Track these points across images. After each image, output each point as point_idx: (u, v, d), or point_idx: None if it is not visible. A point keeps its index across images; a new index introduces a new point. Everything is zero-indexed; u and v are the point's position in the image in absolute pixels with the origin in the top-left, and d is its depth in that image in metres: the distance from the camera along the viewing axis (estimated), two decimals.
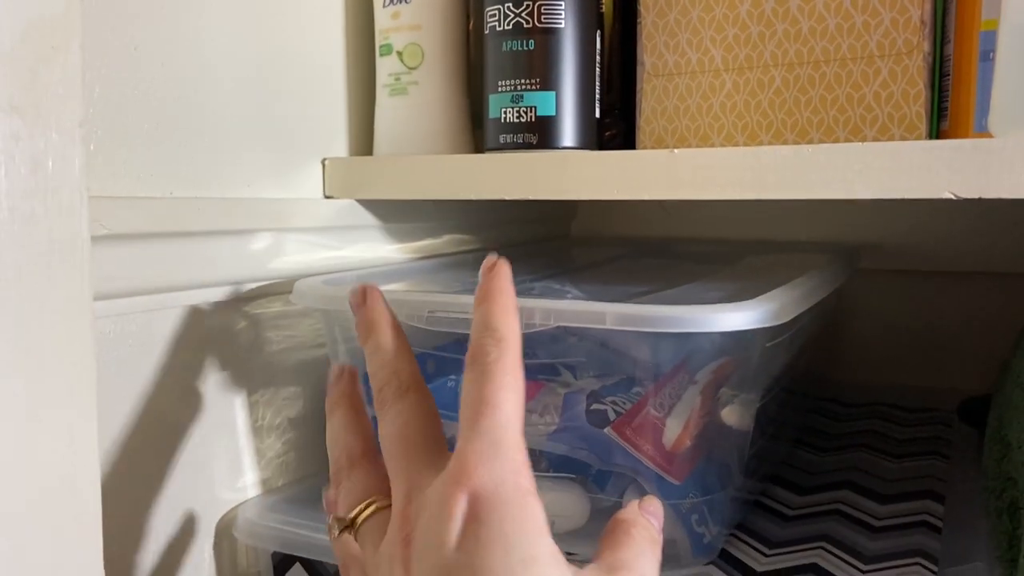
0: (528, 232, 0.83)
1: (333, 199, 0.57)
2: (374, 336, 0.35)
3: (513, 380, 0.31)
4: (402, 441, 0.32)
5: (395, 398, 0.33)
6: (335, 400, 0.37)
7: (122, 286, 0.43)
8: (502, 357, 0.31)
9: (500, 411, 0.30)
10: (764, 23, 0.51)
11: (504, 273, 0.34)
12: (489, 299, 0.33)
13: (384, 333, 0.35)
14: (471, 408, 0.30)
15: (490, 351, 0.31)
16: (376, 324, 0.35)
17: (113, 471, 0.43)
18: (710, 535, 0.44)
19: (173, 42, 0.46)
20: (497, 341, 0.31)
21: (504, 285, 0.34)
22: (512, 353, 0.31)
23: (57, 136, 0.29)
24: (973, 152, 0.40)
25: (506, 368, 0.31)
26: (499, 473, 0.28)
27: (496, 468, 0.28)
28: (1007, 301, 0.75)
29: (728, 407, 0.45)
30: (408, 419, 0.32)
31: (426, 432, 0.32)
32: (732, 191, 0.45)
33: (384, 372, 0.34)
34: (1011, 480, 0.45)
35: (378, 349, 0.34)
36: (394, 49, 0.56)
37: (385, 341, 0.35)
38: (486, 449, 0.29)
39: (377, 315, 0.36)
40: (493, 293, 0.33)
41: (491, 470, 0.28)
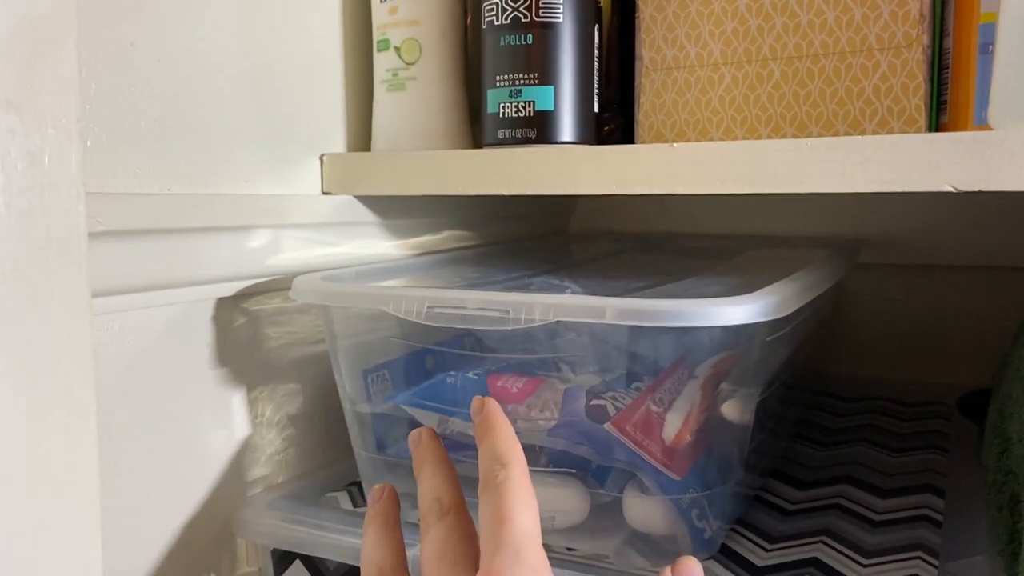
0: (527, 228, 0.83)
1: (331, 195, 0.56)
2: (424, 469, 0.39)
3: (525, 495, 0.34)
4: (436, 555, 0.35)
5: (436, 519, 0.36)
6: (372, 517, 0.39)
7: (120, 283, 0.43)
8: (510, 477, 0.34)
9: (517, 524, 0.33)
10: (763, 16, 0.51)
11: (495, 407, 0.38)
12: (490, 432, 0.37)
13: (433, 465, 0.39)
14: (491, 525, 0.33)
15: (498, 473, 0.34)
16: (426, 461, 0.39)
17: (112, 468, 0.43)
18: (711, 530, 0.44)
19: (169, 38, 0.45)
20: (503, 465, 0.35)
21: (498, 417, 0.38)
22: (519, 473, 0.35)
23: (53, 131, 0.28)
24: (972, 145, 0.40)
25: (516, 485, 0.34)
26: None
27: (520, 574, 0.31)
28: (1007, 295, 0.75)
29: (728, 402, 0.44)
30: (445, 536, 0.35)
31: (459, 549, 0.35)
32: (731, 185, 0.45)
33: (429, 498, 0.37)
34: (1011, 474, 0.45)
35: (427, 479, 0.38)
36: (392, 44, 0.56)
37: (433, 472, 0.38)
38: (509, 559, 0.32)
39: (428, 453, 0.39)
40: (491, 426, 0.37)
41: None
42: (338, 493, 0.52)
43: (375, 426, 0.49)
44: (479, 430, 0.37)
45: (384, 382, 0.50)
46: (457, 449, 0.46)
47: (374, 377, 0.49)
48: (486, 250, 0.71)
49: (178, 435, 0.47)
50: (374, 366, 0.49)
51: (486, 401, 0.39)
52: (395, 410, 0.48)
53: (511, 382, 0.46)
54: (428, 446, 0.40)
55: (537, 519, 0.34)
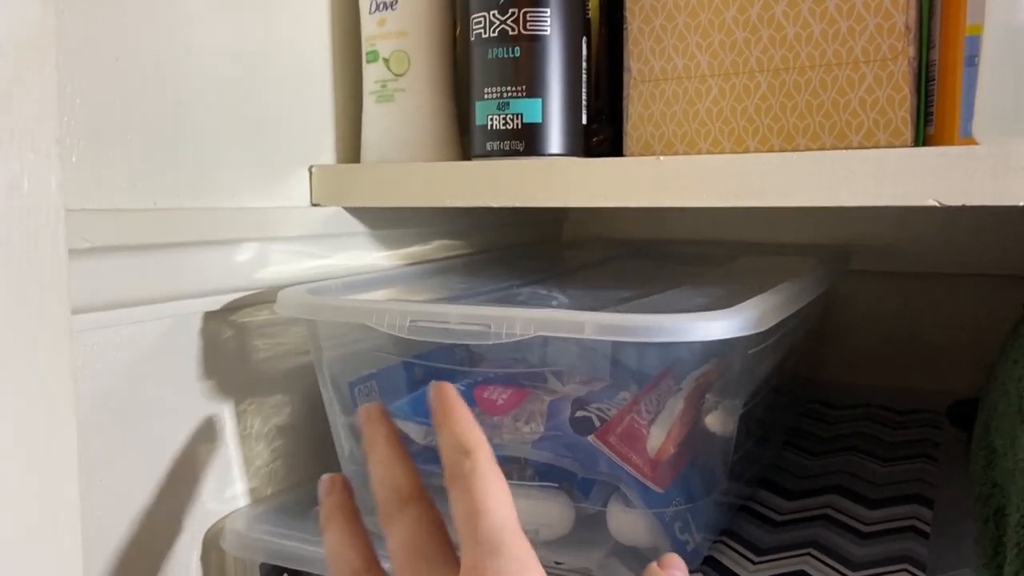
0: (518, 235, 0.83)
1: (320, 207, 0.57)
2: (376, 451, 0.37)
3: (494, 483, 0.33)
4: (409, 554, 0.33)
5: (398, 510, 0.34)
6: (328, 514, 0.37)
7: (107, 298, 0.43)
8: (476, 466, 0.33)
9: (493, 515, 0.31)
10: (750, 29, 0.51)
11: (450, 392, 0.37)
12: (447, 420, 0.35)
13: (382, 448, 0.36)
14: (465, 520, 0.32)
15: (463, 463, 0.33)
16: (375, 440, 0.37)
17: (99, 483, 0.43)
18: (694, 542, 0.44)
19: (156, 52, 0.46)
20: (467, 453, 0.33)
21: (454, 403, 0.36)
22: (484, 460, 0.33)
23: (33, 156, 0.29)
24: (957, 159, 0.40)
25: (484, 475, 0.33)
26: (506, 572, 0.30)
27: (502, 568, 0.30)
28: (997, 303, 0.74)
29: (712, 414, 0.45)
30: (414, 532, 0.34)
31: (431, 543, 0.33)
32: (718, 199, 0.45)
33: (385, 487, 0.35)
34: (997, 486, 0.45)
35: (380, 463, 0.36)
36: (380, 56, 0.56)
37: (386, 455, 0.36)
38: (491, 554, 0.31)
39: (375, 431, 0.37)
40: (448, 413, 0.35)
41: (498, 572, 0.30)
42: None
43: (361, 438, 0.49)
44: (436, 417, 0.36)
45: (371, 394, 0.50)
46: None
47: (360, 389, 0.50)
48: (476, 259, 0.71)
49: (165, 448, 0.47)
50: (360, 378, 0.50)
51: (441, 385, 0.37)
52: None
53: (497, 393, 0.46)
54: (378, 423, 0.38)
55: (511, 505, 0.32)
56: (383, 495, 0.35)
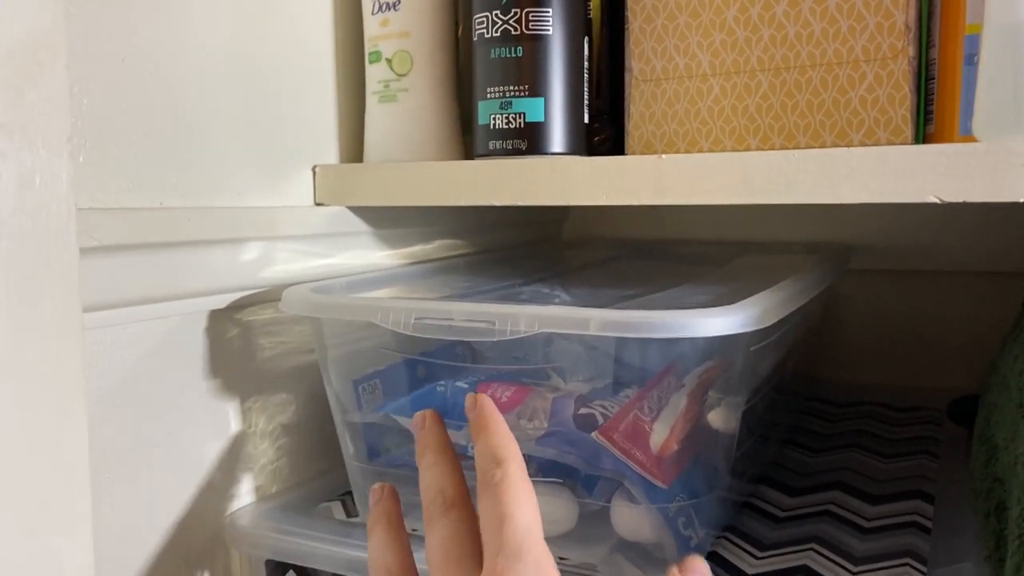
0: (520, 235, 0.84)
1: (324, 206, 0.57)
2: (426, 457, 0.39)
3: (523, 492, 0.34)
4: (443, 554, 0.35)
5: (440, 514, 0.36)
6: (375, 518, 0.39)
7: (114, 297, 0.43)
8: (507, 475, 0.34)
9: (517, 521, 0.33)
10: (751, 28, 0.51)
11: (488, 404, 0.38)
12: (484, 430, 0.37)
13: (435, 454, 0.38)
14: (491, 524, 0.33)
15: (495, 473, 0.34)
16: (428, 446, 0.39)
17: (106, 480, 0.44)
18: (697, 538, 0.44)
19: (161, 53, 0.46)
20: (499, 463, 0.35)
21: (492, 414, 0.38)
22: (515, 470, 0.35)
23: (44, 152, 0.29)
24: (957, 157, 0.40)
25: (513, 483, 0.34)
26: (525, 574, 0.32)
27: (521, 572, 0.31)
28: (996, 300, 0.75)
29: (714, 410, 0.45)
30: (450, 534, 0.35)
31: (464, 547, 0.35)
32: (719, 196, 0.45)
33: (432, 490, 0.37)
34: (998, 481, 0.45)
35: (429, 468, 0.38)
36: (383, 56, 0.56)
37: (435, 461, 0.38)
38: (512, 557, 0.32)
39: (431, 438, 0.39)
40: (485, 423, 0.37)
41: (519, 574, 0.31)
42: (332, 503, 0.53)
43: (366, 435, 0.50)
44: (473, 428, 0.37)
45: (375, 392, 0.50)
46: None
47: (365, 387, 0.50)
48: (478, 258, 0.72)
49: (171, 446, 0.47)
50: (364, 376, 0.50)
51: (479, 398, 0.39)
52: (385, 420, 0.49)
53: (500, 391, 0.46)
54: (431, 430, 0.40)
55: (537, 514, 0.34)
56: (428, 498, 0.37)
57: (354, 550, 0.46)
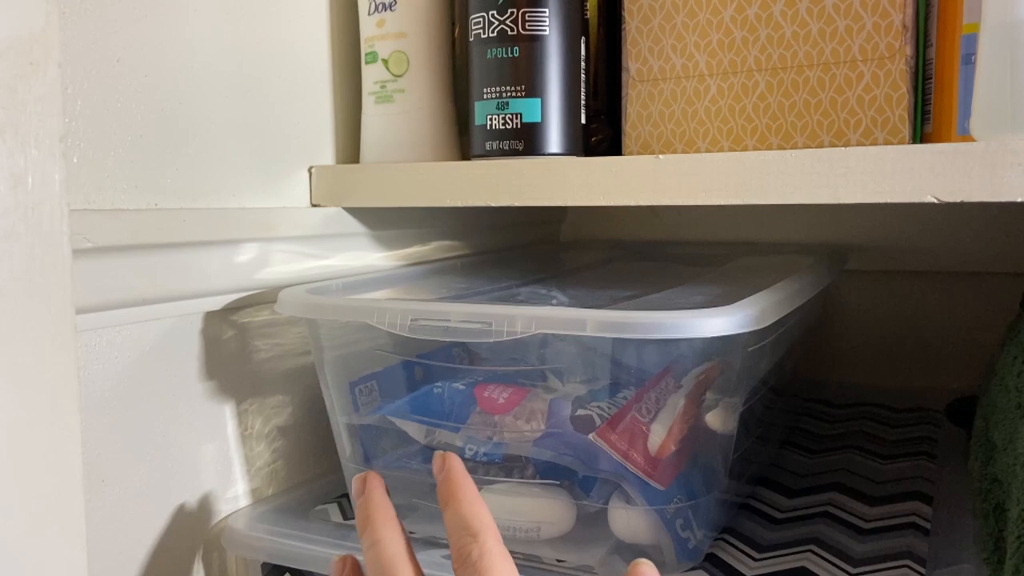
0: (517, 236, 0.84)
1: (320, 207, 0.57)
2: (370, 532, 0.36)
3: (502, 569, 0.32)
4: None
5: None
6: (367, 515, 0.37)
7: (108, 298, 0.43)
8: (484, 553, 0.33)
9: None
10: (747, 28, 0.51)
11: (456, 467, 0.36)
12: (453, 498, 0.35)
13: (380, 529, 0.36)
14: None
15: (471, 549, 0.33)
16: (372, 519, 0.36)
17: (101, 482, 0.43)
18: (695, 539, 0.44)
19: (156, 54, 0.46)
20: (474, 536, 0.33)
21: (460, 479, 0.36)
22: (491, 544, 0.33)
23: (37, 152, 0.29)
24: (954, 156, 0.40)
25: (493, 561, 0.32)
26: None
27: None
28: (994, 300, 0.75)
29: (712, 411, 0.45)
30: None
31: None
32: (717, 196, 0.45)
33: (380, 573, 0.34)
34: (997, 482, 0.45)
35: (374, 544, 0.35)
36: (380, 57, 0.56)
37: (382, 538, 0.35)
38: None
39: (373, 509, 0.36)
40: (453, 490, 0.35)
41: None
42: (328, 506, 0.52)
43: (362, 438, 0.50)
44: (442, 493, 0.36)
45: (372, 393, 0.50)
46: None
47: (361, 389, 0.50)
48: (476, 259, 0.72)
49: (167, 448, 0.47)
50: (361, 377, 0.50)
51: (447, 457, 0.37)
52: (382, 421, 0.49)
53: (497, 392, 0.46)
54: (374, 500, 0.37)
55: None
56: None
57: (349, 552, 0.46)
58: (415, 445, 0.48)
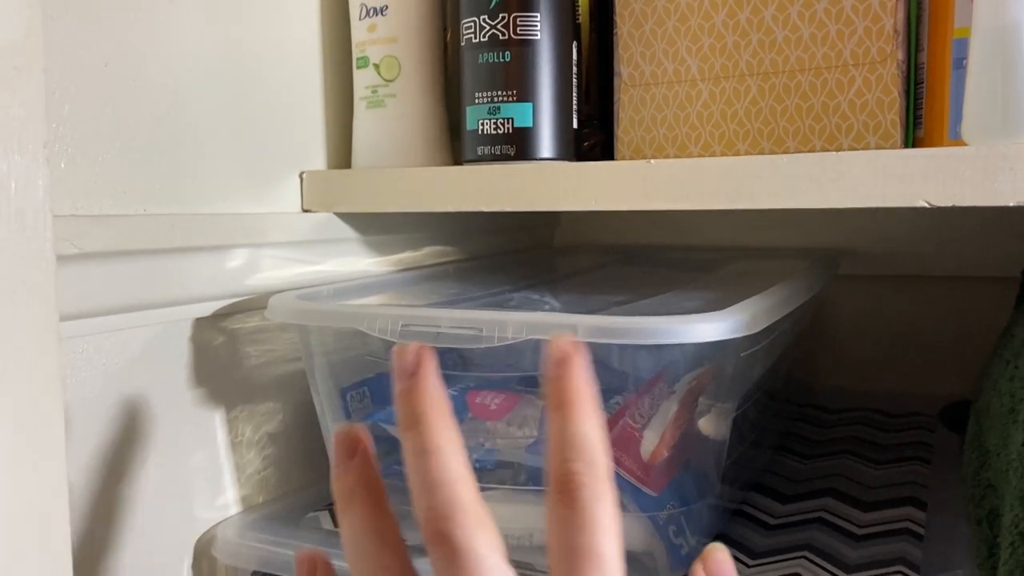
0: (510, 241, 0.83)
1: (311, 212, 0.56)
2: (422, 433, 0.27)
3: (614, 519, 0.26)
4: None
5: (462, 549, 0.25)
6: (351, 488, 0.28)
7: (96, 305, 0.43)
8: (599, 492, 0.26)
9: (607, 562, 0.25)
10: (739, 33, 0.51)
11: (580, 367, 0.28)
12: (568, 405, 0.27)
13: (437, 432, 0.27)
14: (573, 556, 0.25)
15: (584, 482, 0.26)
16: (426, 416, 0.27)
17: (89, 491, 0.43)
18: (688, 546, 0.44)
19: (145, 58, 0.45)
20: (588, 466, 0.26)
21: (583, 386, 0.27)
22: (608, 481, 0.26)
23: (20, 158, 0.28)
24: (946, 160, 0.40)
25: (607, 506, 0.26)
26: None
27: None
28: (988, 305, 0.75)
29: (705, 417, 0.45)
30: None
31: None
32: (708, 201, 0.45)
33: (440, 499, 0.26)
34: (991, 487, 0.45)
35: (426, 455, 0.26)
36: (371, 61, 0.56)
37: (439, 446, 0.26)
38: None
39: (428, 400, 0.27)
40: (572, 397, 0.27)
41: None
42: (319, 513, 0.52)
43: None
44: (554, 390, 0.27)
45: (363, 400, 0.50)
46: None
47: (353, 395, 0.49)
48: (468, 265, 0.71)
49: (156, 456, 0.47)
50: (352, 384, 0.49)
51: (572, 348, 0.28)
52: (374, 428, 0.48)
53: (490, 398, 0.46)
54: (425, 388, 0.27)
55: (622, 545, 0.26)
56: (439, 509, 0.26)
57: (340, 560, 0.45)
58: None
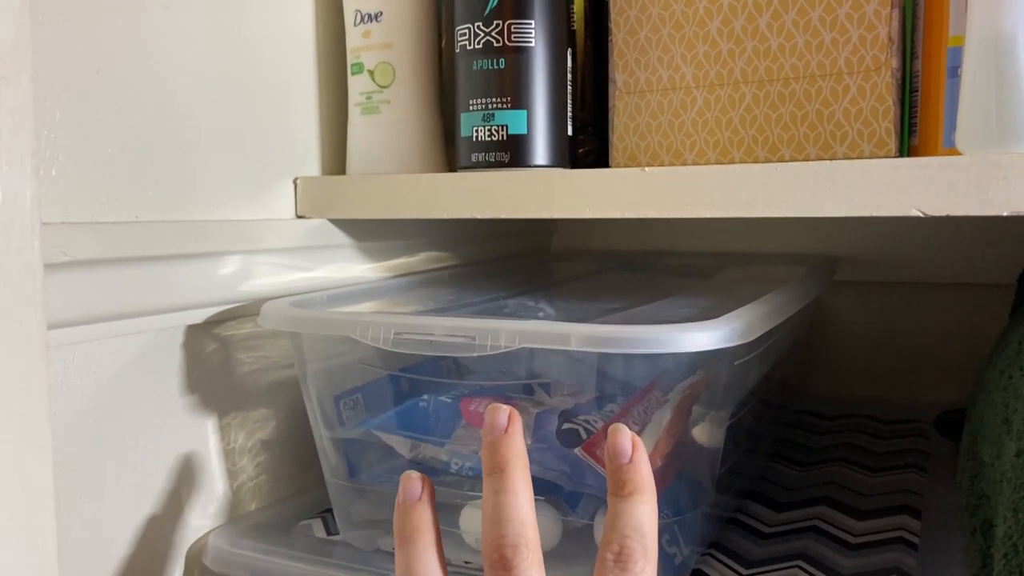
0: (507, 247, 0.83)
1: (305, 219, 0.56)
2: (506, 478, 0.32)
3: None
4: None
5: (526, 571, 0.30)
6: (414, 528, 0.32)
7: (87, 312, 0.42)
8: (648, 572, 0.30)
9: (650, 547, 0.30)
10: (734, 40, 0.51)
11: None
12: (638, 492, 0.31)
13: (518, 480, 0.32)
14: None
15: (638, 561, 0.30)
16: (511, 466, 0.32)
17: (78, 498, 0.43)
18: (681, 555, 0.44)
19: (137, 65, 0.45)
20: (645, 549, 0.30)
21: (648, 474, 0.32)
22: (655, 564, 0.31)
23: (7, 168, 0.28)
24: (940, 170, 0.40)
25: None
26: None
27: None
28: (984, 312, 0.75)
29: (699, 425, 0.44)
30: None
31: None
32: (703, 209, 0.45)
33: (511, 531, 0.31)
34: (985, 498, 0.44)
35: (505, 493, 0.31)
36: (365, 68, 0.56)
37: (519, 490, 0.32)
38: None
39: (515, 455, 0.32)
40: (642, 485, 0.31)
41: None
42: (312, 521, 0.52)
43: (347, 452, 0.49)
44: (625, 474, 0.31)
45: (357, 407, 0.49)
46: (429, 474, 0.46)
47: (346, 402, 0.49)
48: (463, 271, 0.71)
49: (147, 463, 0.46)
50: (346, 391, 0.49)
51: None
52: (367, 435, 0.48)
53: (483, 406, 0.46)
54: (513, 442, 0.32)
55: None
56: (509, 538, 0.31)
57: (334, 569, 0.45)
58: (400, 459, 0.48)
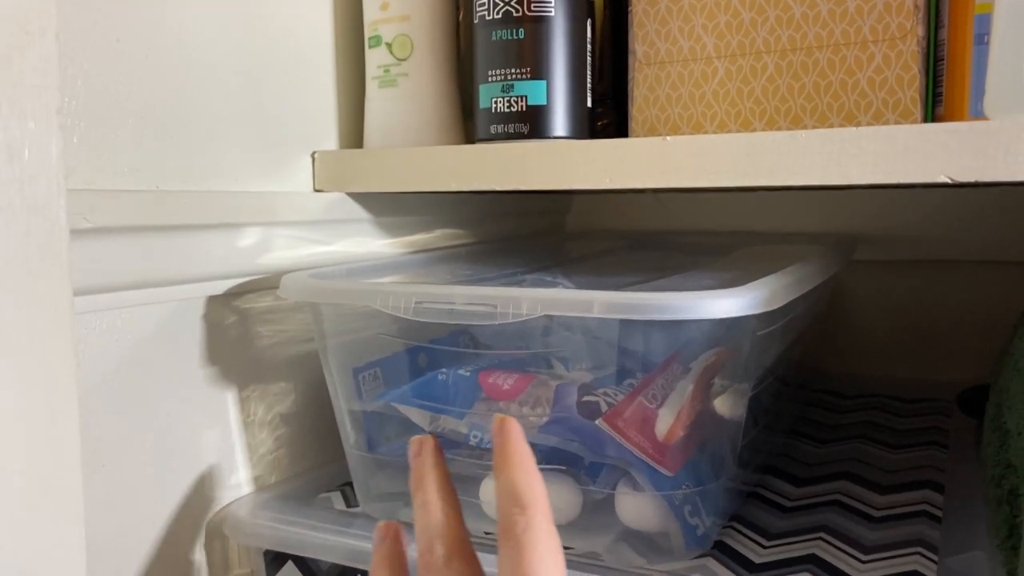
0: (522, 226, 0.83)
1: (323, 192, 0.56)
2: (420, 493, 0.35)
3: (547, 548, 0.31)
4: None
5: (442, 566, 0.32)
6: (379, 562, 0.36)
7: (108, 280, 0.42)
8: (531, 526, 0.31)
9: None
10: (756, 9, 0.50)
11: (516, 433, 0.34)
12: (508, 465, 0.33)
13: (432, 492, 0.35)
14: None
15: (518, 521, 0.31)
16: (423, 481, 0.35)
17: (100, 467, 0.43)
18: (704, 526, 0.43)
19: (157, 34, 0.45)
20: (523, 509, 0.32)
21: (519, 447, 0.34)
22: (540, 519, 0.32)
23: (33, 124, 0.28)
24: (969, 135, 0.39)
25: (538, 537, 0.31)
26: None
27: None
28: (1005, 289, 0.74)
29: (720, 397, 0.44)
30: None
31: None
32: (726, 178, 0.44)
33: (427, 536, 0.33)
34: (1011, 467, 0.44)
35: (424, 506, 0.34)
36: (383, 40, 0.56)
37: (429, 500, 0.34)
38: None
39: (427, 472, 0.35)
40: (510, 457, 0.33)
41: None
42: (331, 493, 0.52)
43: (366, 425, 0.49)
44: (497, 458, 0.34)
45: (376, 380, 0.49)
46: (448, 447, 0.46)
47: (365, 376, 0.49)
48: (480, 248, 0.71)
49: (167, 435, 0.47)
50: (365, 364, 0.49)
51: (505, 421, 0.35)
52: (386, 408, 0.48)
53: (502, 379, 0.46)
54: (428, 462, 0.36)
55: (563, 568, 0.31)
56: (423, 544, 0.33)
57: (353, 539, 0.45)
58: (419, 432, 0.48)
